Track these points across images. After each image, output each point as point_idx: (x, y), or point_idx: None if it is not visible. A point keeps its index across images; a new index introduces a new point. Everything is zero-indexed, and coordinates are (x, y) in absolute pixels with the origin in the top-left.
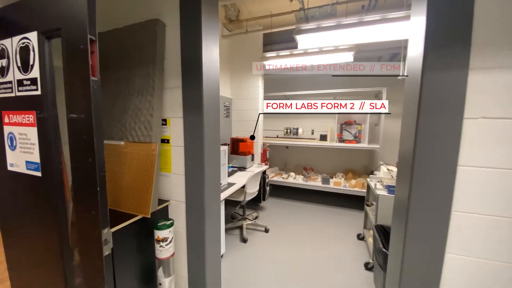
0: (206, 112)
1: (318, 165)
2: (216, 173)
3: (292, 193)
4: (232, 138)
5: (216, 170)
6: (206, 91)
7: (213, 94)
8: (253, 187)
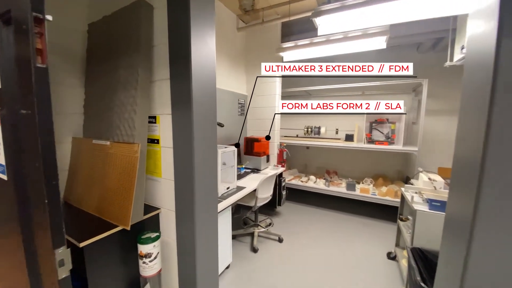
0: (197, 108)
1: (343, 168)
2: (212, 178)
3: (312, 199)
4: (246, 138)
5: (212, 174)
6: (197, 83)
7: (206, 87)
8: (265, 191)
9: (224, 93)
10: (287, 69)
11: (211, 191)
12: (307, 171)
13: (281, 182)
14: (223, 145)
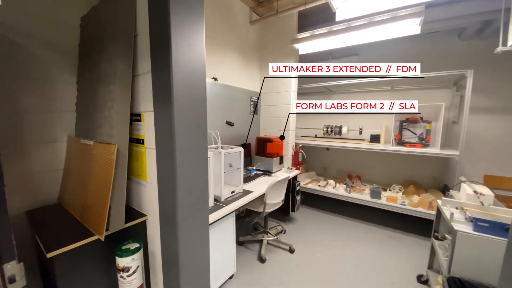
0: (179, 105)
1: (367, 173)
2: (200, 183)
3: (331, 205)
4: (258, 138)
5: (201, 179)
6: (180, 76)
7: (192, 81)
8: (275, 196)
9: (235, 91)
10: (294, 70)
11: (199, 198)
12: (327, 174)
13: (295, 186)
14: (229, 146)
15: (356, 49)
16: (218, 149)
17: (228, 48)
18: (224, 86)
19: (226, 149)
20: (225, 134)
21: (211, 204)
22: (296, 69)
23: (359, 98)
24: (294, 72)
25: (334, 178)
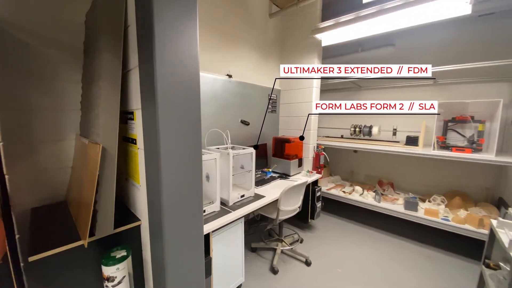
0: (165, 102)
1: (401, 179)
2: (193, 188)
3: (356, 214)
4: (275, 138)
5: (194, 183)
6: (165, 70)
7: (182, 75)
8: (291, 203)
9: (251, 88)
10: (305, 71)
11: (190, 204)
12: (353, 179)
13: (315, 191)
14: (241, 146)
15: (391, 37)
16: (227, 150)
17: (244, 43)
18: (239, 83)
19: (236, 150)
20: (240, 134)
21: (217, 209)
22: (307, 70)
23: (392, 94)
24: (305, 74)
25: (361, 184)
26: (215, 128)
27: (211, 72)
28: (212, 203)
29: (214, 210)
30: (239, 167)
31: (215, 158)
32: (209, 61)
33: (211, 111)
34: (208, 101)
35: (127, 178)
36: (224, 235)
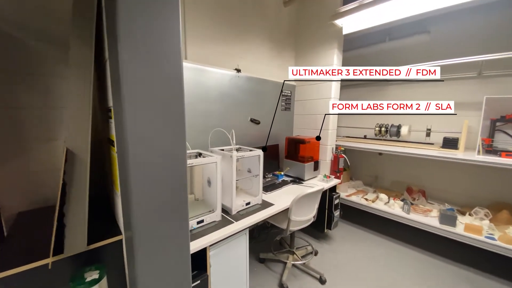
0: (133, 97)
1: (435, 187)
2: (175, 197)
3: (381, 224)
4: (289, 138)
5: (174, 192)
6: (134, 61)
7: (158, 68)
8: (304, 212)
9: (262, 84)
10: (314, 73)
11: (172, 216)
12: (377, 185)
13: (332, 199)
14: (248, 148)
15: (425, 23)
16: (230, 152)
17: (255, 35)
18: (249, 78)
19: (242, 152)
20: (249, 134)
21: (218, 218)
22: (316, 72)
23: (426, 89)
24: (314, 76)
25: (387, 191)
26: (221, 127)
27: (217, 67)
28: (212, 212)
29: (214, 220)
30: (246, 171)
31: (216, 162)
32: (215, 55)
33: (217, 109)
34: (214, 98)
35: (112, 185)
36: (225, 248)
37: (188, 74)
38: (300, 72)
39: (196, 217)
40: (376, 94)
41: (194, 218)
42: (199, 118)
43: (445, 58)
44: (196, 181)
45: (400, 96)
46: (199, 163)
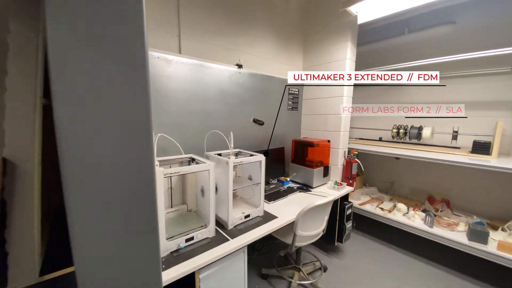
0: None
1: (461, 197)
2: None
3: (399, 237)
4: (296, 141)
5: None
6: (66, 44)
7: (106, 55)
8: (312, 226)
9: (267, 81)
10: (316, 78)
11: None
12: (394, 192)
13: (344, 209)
14: (249, 152)
15: (450, 12)
16: (227, 157)
17: (259, 27)
18: (251, 75)
19: (241, 157)
20: (252, 136)
21: (211, 234)
22: (317, 77)
23: (454, 85)
24: (315, 81)
25: (405, 200)
26: (220, 128)
27: (216, 62)
28: (204, 227)
29: (206, 236)
30: (246, 178)
31: (208, 169)
32: (213, 49)
33: (216, 109)
34: (212, 96)
35: None
36: (219, 270)
37: (183, 70)
38: (301, 76)
39: (185, 233)
40: (392, 93)
41: (182, 235)
42: (195, 119)
43: (473, 51)
44: (189, 189)
45: (420, 96)
46: (188, 171)
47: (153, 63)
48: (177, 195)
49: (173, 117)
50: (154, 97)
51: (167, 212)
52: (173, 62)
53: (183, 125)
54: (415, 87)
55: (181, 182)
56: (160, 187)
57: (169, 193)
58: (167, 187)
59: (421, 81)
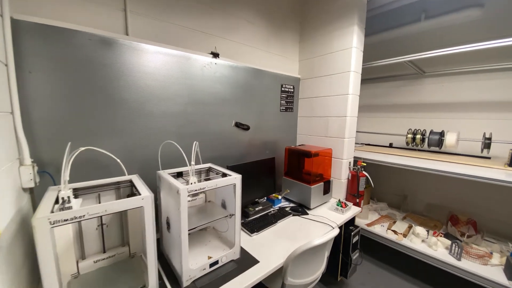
0: None
1: (491, 216)
2: None
3: (418, 265)
4: (290, 149)
5: None
6: None
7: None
8: (306, 271)
9: (253, 75)
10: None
11: None
12: (407, 208)
13: (350, 236)
14: (221, 169)
15: None
16: (178, 181)
17: (244, 7)
18: (232, 67)
19: (203, 183)
20: (234, 144)
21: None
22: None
23: (477, 82)
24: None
25: (421, 219)
26: (187, 136)
27: (182, 48)
28: None
29: None
30: (219, 203)
31: (142, 206)
32: (177, 32)
33: (181, 110)
34: (176, 94)
35: None
36: None
37: (131, 58)
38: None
39: None
40: (405, 90)
41: None
42: (150, 124)
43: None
44: (132, 227)
45: (440, 92)
46: (95, 214)
47: (81, 45)
48: (113, 233)
49: (117, 123)
50: (81, 94)
51: (94, 261)
52: (115, 46)
53: (130, 133)
54: (433, 84)
55: (119, 215)
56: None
57: (100, 232)
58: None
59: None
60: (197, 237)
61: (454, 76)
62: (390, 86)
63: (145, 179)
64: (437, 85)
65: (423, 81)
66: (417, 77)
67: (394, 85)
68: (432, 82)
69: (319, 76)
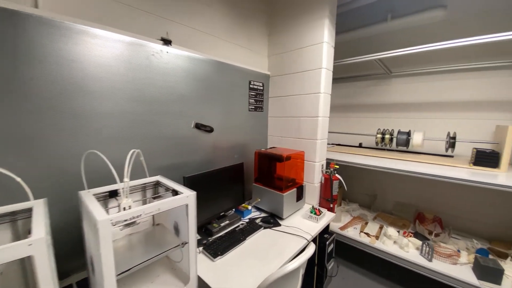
0: None
1: (455, 213)
2: None
3: (391, 267)
4: (259, 153)
5: None
6: None
7: None
8: None
9: (216, 69)
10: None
11: None
12: (377, 207)
13: (325, 245)
14: (170, 183)
15: None
16: (104, 205)
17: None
18: (189, 58)
19: (154, 202)
20: (194, 149)
21: None
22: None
23: (445, 82)
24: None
25: (391, 218)
26: (132, 141)
27: (123, 31)
28: None
29: None
30: (171, 226)
31: (33, 255)
32: (117, 9)
33: (121, 110)
34: (112, 88)
35: None
36: None
37: (45, 38)
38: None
39: None
40: (374, 90)
41: None
42: (80, 127)
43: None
44: None
45: (407, 92)
46: None
47: None
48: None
49: (24, 128)
50: None
51: None
52: (19, 21)
53: (47, 141)
54: (400, 84)
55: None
56: None
57: None
58: None
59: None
60: (141, 271)
61: (421, 76)
62: (359, 86)
63: (67, 203)
64: (404, 85)
65: (391, 81)
66: (385, 77)
67: (363, 85)
68: (400, 82)
69: (289, 73)
